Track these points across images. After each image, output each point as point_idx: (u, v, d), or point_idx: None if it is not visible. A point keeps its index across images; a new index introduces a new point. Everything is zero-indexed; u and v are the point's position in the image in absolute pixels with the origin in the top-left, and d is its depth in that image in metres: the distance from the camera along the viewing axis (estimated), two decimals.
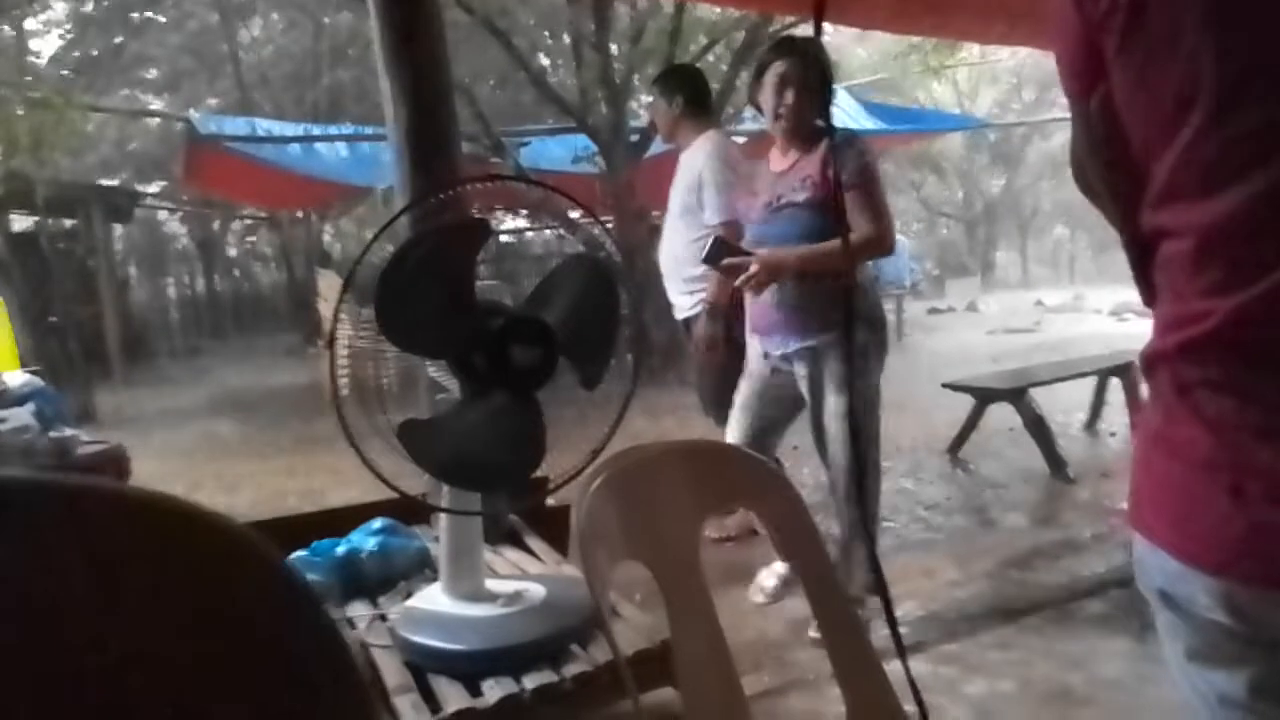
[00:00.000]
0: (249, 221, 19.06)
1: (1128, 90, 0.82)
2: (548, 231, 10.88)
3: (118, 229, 13.70)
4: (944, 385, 5.12)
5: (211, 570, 0.59)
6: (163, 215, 18.70)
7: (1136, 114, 0.82)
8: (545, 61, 11.35)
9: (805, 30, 5.13)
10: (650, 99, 5.66)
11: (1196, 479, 0.81)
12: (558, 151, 9.46)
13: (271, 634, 0.62)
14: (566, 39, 9.35)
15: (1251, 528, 0.76)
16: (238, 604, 0.60)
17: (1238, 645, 0.80)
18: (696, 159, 3.53)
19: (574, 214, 1.80)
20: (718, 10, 9.05)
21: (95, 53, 14.43)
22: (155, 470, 5.78)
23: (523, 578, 1.86)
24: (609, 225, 7.86)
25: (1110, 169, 0.89)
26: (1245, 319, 0.75)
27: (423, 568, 1.97)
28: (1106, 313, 13.21)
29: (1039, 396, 4.71)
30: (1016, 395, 4.64)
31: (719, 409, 3.77)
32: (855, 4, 3.07)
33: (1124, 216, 0.88)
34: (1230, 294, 0.76)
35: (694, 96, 3.67)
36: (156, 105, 16.84)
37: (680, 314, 3.76)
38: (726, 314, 3.55)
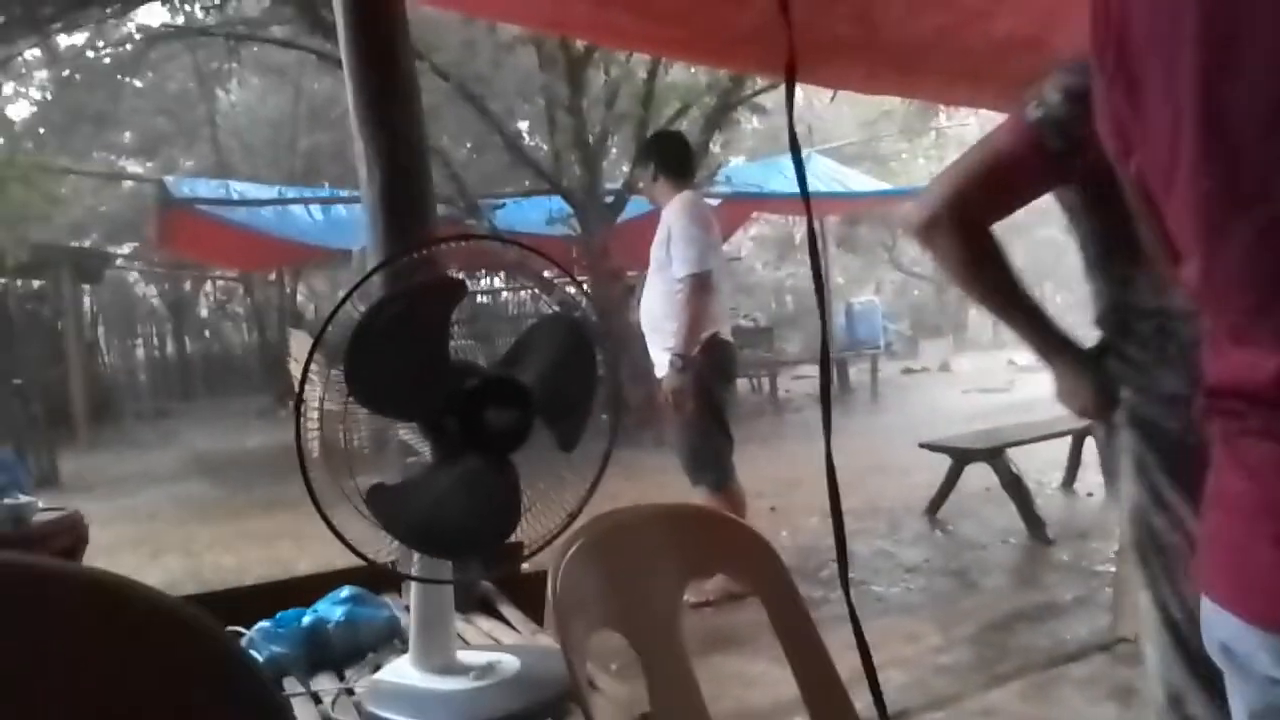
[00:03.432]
0: (221, 283, 18.95)
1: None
2: (523, 292, 10.87)
3: (87, 290, 13.57)
4: (921, 445, 5.11)
5: (140, 644, 0.54)
6: (134, 276, 18.55)
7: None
8: (521, 125, 11.47)
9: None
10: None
11: (1244, 530, 0.78)
12: (532, 214, 9.51)
13: (207, 708, 0.58)
14: (542, 103, 9.46)
15: None
16: (169, 679, 0.56)
17: None
18: (669, 217, 3.66)
19: (549, 274, 1.77)
20: (691, 74, 9.25)
21: (71, 116, 14.44)
22: (120, 535, 5.63)
23: (496, 648, 1.79)
24: (585, 285, 7.87)
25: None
26: None
27: (392, 638, 1.89)
28: None
29: (1014, 456, 4.70)
30: (993, 455, 4.64)
31: (697, 469, 3.73)
32: (827, 65, 3.11)
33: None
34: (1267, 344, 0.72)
35: (667, 161, 3.84)
36: (133, 168, 16.82)
37: (662, 371, 3.75)
38: (703, 364, 3.57)
